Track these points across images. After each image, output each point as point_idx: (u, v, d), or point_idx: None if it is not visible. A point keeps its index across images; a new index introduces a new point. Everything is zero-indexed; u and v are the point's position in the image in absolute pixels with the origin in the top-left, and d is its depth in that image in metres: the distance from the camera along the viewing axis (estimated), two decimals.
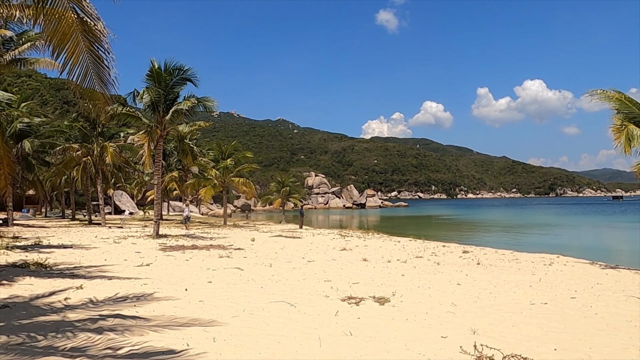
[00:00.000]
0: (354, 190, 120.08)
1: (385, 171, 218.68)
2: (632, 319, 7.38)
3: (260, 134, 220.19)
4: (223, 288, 9.17)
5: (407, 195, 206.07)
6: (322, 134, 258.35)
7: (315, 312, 7.30)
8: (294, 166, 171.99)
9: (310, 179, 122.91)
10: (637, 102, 14.97)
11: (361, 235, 26.32)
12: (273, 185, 49.47)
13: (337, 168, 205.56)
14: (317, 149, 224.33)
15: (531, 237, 32.75)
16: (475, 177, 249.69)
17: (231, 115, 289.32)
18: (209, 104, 22.51)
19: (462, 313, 7.50)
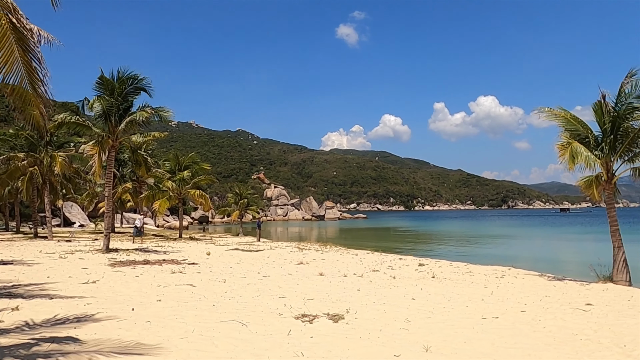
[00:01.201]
0: (313, 202, 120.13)
1: (344, 183, 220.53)
2: (578, 332, 7.57)
3: (219, 145, 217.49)
4: (173, 307, 8.81)
5: (366, 207, 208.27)
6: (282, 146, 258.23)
7: (267, 331, 7.09)
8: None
9: (270, 191, 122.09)
10: (581, 120, 15.66)
11: (319, 248, 26.22)
12: (231, 197, 48.77)
13: (297, 180, 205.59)
14: (276, 160, 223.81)
15: (485, 249, 33.62)
16: (432, 190, 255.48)
17: (190, 125, 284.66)
18: (165, 114, 21.95)
19: (416, 329, 7.49)
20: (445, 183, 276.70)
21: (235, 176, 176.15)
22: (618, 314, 9.16)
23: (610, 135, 14.73)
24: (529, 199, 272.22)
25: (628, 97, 14.32)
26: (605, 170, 14.86)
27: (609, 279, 14.45)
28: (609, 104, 14.88)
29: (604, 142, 14.98)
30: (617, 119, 14.55)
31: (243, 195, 47.17)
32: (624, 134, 14.70)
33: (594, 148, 15.03)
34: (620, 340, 7.10)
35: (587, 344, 6.90)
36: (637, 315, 9.09)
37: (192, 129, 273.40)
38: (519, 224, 79.96)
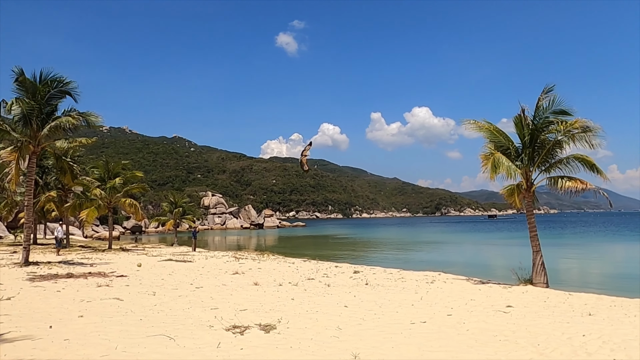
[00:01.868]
0: (252, 211, 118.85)
1: (283, 191, 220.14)
2: (498, 333, 8.00)
3: (154, 152, 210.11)
4: (96, 323, 8.36)
5: (304, 215, 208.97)
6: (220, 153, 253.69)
7: (196, 345, 6.91)
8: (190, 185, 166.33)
9: (207, 199, 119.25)
10: (503, 132, 16.67)
11: (256, 257, 25.95)
12: (165, 206, 47.19)
13: (236, 188, 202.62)
14: (214, 168, 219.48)
15: (418, 255, 34.73)
16: (369, 198, 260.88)
17: (123, 131, 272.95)
18: (93, 119, 20.87)
19: (347, 337, 7.58)
20: (382, 191, 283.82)
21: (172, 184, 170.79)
22: (535, 315, 9.78)
23: (529, 147, 15.79)
24: (460, 206, 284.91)
25: (544, 111, 15.43)
26: (525, 179, 15.89)
27: (529, 281, 15.39)
28: (527, 118, 15.94)
29: (523, 153, 16.04)
30: (534, 132, 15.62)
31: (178, 204, 45.79)
32: (541, 146, 15.81)
33: (515, 158, 16.03)
34: (535, 339, 7.58)
35: (505, 344, 7.30)
36: (551, 316, 9.75)
37: (126, 134, 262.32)
38: (450, 230, 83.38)
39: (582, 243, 45.15)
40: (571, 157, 15.60)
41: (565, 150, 15.70)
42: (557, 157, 15.85)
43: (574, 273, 23.41)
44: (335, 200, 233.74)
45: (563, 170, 15.77)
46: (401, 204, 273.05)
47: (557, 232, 65.48)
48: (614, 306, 11.20)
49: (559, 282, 16.95)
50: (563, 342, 7.45)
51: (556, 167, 15.88)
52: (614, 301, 12.03)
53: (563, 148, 15.44)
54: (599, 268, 26.43)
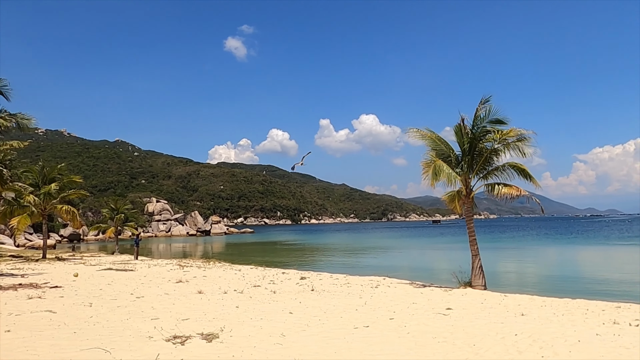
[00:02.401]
0: (199, 217, 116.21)
1: (231, 197, 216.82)
2: (437, 335, 8.26)
3: (95, 156, 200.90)
4: (25, 337, 7.88)
5: (253, 222, 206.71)
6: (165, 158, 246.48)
7: (133, 357, 6.66)
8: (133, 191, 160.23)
9: (151, 205, 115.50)
10: (445, 140, 17.31)
11: (202, 265, 25.41)
12: (106, 212, 45.29)
13: (182, 194, 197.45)
14: (159, 173, 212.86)
15: (365, 260, 35.27)
16: (317, 204, 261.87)
17: (61, 134, 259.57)
18: (25, 120, 19.84)
19: (290, 343, 7.58)
20: (330, 197, 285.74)
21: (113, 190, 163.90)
22: (472, 316, 10.18)
23: (469, 155, 16.48)
24: (406, 212, 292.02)
25: (482, 121, 16.16)
26: (465, 185, 16.55)
27: (468, 284, 16.01)
28: (467, 127, 16.64)
29: (463, 160, 16.71)
30: (473, 140, 16.33)
31: (120, 210, 44.07)
32: (479, 154, 16.54)
33: (455, 166, 16.68)
34: (471, 340, 7.89)
35: (443, 345, 7.55)
36: (487, 317, 10.19)
37: (64, 137, 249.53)
38: (396, 236, 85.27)
39: (518, 247, 47.51)
40: (507, 164, 16.44)
41: (501, 158, 16.53)
42: (494, 164, 16.64)
43: (510, 275, 24.57)
44: (284, 207, 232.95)
45: (500, 177, 16.58)
46: (349, 210, 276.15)
47: (495, 236, 68.52)
48: (544, 306, 11.85)
49: (496, 284, 17.71)
50: (497, 341, 7.81)
51: (493, 174, 16.67)
52: (544, 301, 12.73)
53: (499, 156, 16.24)
54: (532, 270, 27.89)
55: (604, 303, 12.58)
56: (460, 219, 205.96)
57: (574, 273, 25.14)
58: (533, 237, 67.45)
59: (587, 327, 9.06)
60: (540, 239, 62.39)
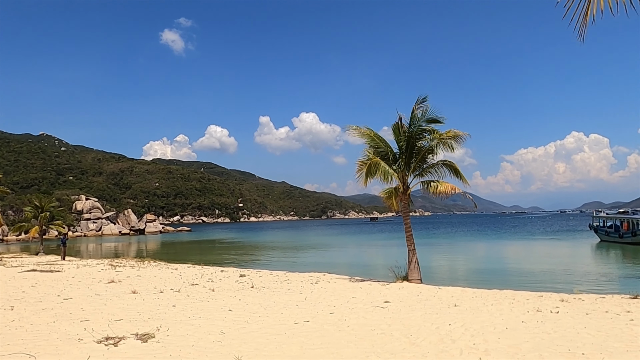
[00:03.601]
0: (132, 215, 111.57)
1: (167, 195, 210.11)
2: (375, 327, 8.45)
3: (16, 150, 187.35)
4: None
5: (190, 220, 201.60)
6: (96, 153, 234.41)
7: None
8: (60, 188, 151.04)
9: (80, 203, 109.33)
10: (383, 138, 17.73)
11: (135, 265, 24.43)
12: (28, 211, 42.37)
13: (114, 191, 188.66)
14: (89, 169, 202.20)
15: (304, 257, 35.44)
16: (257, 201, 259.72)
17: None
18: None
19: (230, 340, 7.46)
20: (270, 195, 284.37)
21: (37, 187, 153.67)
22: (409, 309, 10.51)
23: (406, 153, 16.97)
24: (345, 209, 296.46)
25: (419, 120, 16.70)
26: (402, 182, 17.03)
27: (405, 278, 16.50)
28: (404, 126, 17.14)
29: (400, 158, 17.19)
30: (410, 139, 16.83)
31: (45, 208, 41.37)
32: (416, 152, 17.08)
33: (393, 163, 17.12)
34: (408, 331, 8.14)
35: (382, 337, 7.73)
36: (423, 308, 10.56)
37: None
38: (335, 233, 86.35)
39: (451, 242, 49.73)
40: (440, 162, 17.08)
41: (436, 157, 17.16)
42: (429, 162, 17.25)
43: (443, 269, 25.62)
44: (222, 204, 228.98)
45: (434, 175, 17.20)
46: (289, 208, 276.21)
47: (430, 233, 71.23)
48: (475, 297, 12.46)
49: (431, 278, 18.41)
50: (432, 331, 8.11)
51: (428, 172, 17.27)
52: (475, 293, 13.38)
53: (435, 154, 16.83)
54: (464, 264, 29.28)
55: (528, 293, 13.42)
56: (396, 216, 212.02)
57: (501, 266, 26.68)
58: (465, 233, 70.80)
59: (513, 315, 9.61)
60: (472, 234, 65.64)
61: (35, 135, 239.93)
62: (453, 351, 6.83)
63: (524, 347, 6.99)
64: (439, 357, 6.54)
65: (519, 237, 55.48)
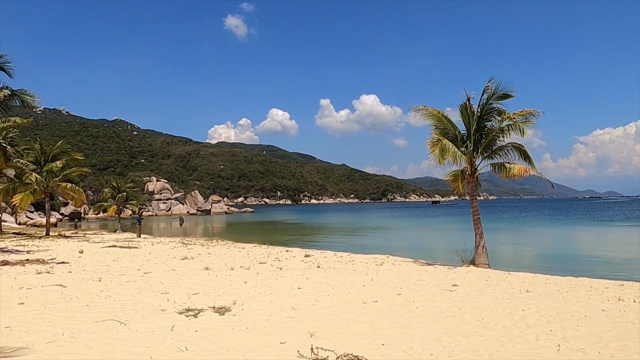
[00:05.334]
0: (199, 196, 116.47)
1: (231, 177, 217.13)
2: (445, 310, 8.37)
3: (94, 135, 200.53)
4: (38, 310, 7.98)
5: (253, 201, 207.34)
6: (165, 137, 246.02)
7: (148, 328, 6.76)
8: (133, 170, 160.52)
9: (151, 185, 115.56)
10: (450, 119, 17.24)
11: (205, 243, 25.58)
12: (107, 191, 45.34)
13: (181, 173, 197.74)
14: (159, 152, 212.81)
15: (366, 239, 35.47)
16: (318, 184, 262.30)
17: (59, 113, 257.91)
18: (28, 97, 19.76)
19: (301, 317, 7.68)
20: (331, 177, 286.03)
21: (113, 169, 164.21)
22: (478, 292, 10.30)
23: (476, 134, 16.43)
24: (405, 192, 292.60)
25: (489, 99, 16.07)
26: (469, 165, 16.54)
27: (471, 262, 16.14)
28: (472, 106, 16.56)
29: (468, 139, 16.67)
30: (479, 120, 16.26)
31: (121, 189, 44.11)
32: (485, 134, 16.49)
33: (460, 145, 16.64)
34: (479, 315, 8.00)
35: (452, 319, 7.66)
36: (493, 293, 10.30)
37: (62, 116, 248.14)
38: (396, 216, 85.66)
39: (520, 227, 47.78)
40: (509, 145, 16.38)
41: (506, 138, 16.46)
42: (498, 144, 16.59)
43: (512, 254, 24.76)
44: (284, 187, 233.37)
45: (503, 157, 16.56)
46: (349, 190, 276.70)
47: (497, 217, 68.82)
48: (548, 283, 11.97)
49: (499, 263, 17.87)
50: (505, 316, 7.92)
51: (496, 154, 16.64)
52: (548, 279, 12.85)
53: (506, 135, 16.14)
54: (535, 250, 28.09)
55: (607, 281, 12.67)
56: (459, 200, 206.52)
57: (576, 253, 25.37)
58: (534, 217, 67.72)
59: (592, 303, 9.17)
60: (542, 219, 62.65)
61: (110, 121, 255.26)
62: (529, 336, 6.65)
63: (606, 336, 6.67)
64: (513, 342, 6.39)
65: (596, 223, 52.17)
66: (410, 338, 6.47)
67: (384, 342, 6.25)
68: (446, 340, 6.39)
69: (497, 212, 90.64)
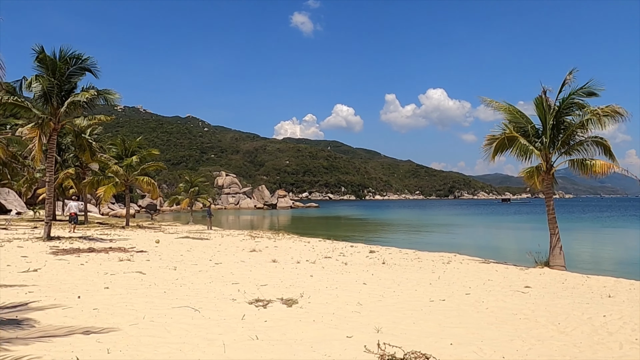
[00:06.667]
0: (266, 191, 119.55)
1: (296, 172, 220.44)
2: (517, 312, 8.04)
3: (168, 131, 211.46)
4: (122, 294, 8.59)
5: (317, 196, 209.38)
6: (233, 133, 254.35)
7: (220, 316, 7.07)
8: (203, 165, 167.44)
9: (221, 179, 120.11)
10: (523, 113, 16.44)
11: (271, 236, 26.20)
12: (181, 186, 47.70)
13: (249, 168, 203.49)
14: (228, 148, 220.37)
15: (432, 237, 34.72)
16: (382, 180, 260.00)
17: (137, 110, 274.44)
18: (111, 96, 21.03)
19: (367, 312, 7.69)
20: (395, 173, 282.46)
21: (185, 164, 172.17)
22: (553, 296, 9.78)
23: (552, 129, 15.56)
24: (474, 189, 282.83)
25: (570, 93, 15.14)
26: (545, 161, 15.71)
27: (545, 263, 15.35)
28: (549, 99, 15.69)
29: (544, 134, 15.82)
30: (557, 113, 15.38)
31: (194, 183, 46.24)
32: (564, 128, 15.58)
33: (535, 140, 15.84)
34: (555, 318, 7.61)
35: (525, 322, 7.34)
36: (570, 296, 9.75)
37: (140, 114, 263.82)
38: (464, 213, 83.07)
39: (601, 228, 44.69)
40: (590, 139, 15.34)
41: (586, 133, 15.44)
42: (577, 139, 15.59)
43: (592, 257, 23.24)
44: (348, 182, 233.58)
45: (582, 153, 15.56)
46: (414, 187, 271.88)
47: (576, 216, 64.77)
48: (633, 289, 11.13)
49: (576, 265, 16.86)
50: (583, 321, 7.47)
51: (575, 150, 15.67)
52: (632, 284, 11.94)
53: (586, 131, 15.14)
54: (618, 252, 26.19)
55: None
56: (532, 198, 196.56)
57: None
58: (617, 218, 62.92)
59: None
60: (627, 220, 58.07)
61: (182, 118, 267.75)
62: (611, 344, 6.24)
63: None
64: (594, 349, 6.03)
65: None
66: (480, 339, 6.29)
67: (452, 341, 6.12)
68: (519, 344, 6.14)
69: (575, 211, 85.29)
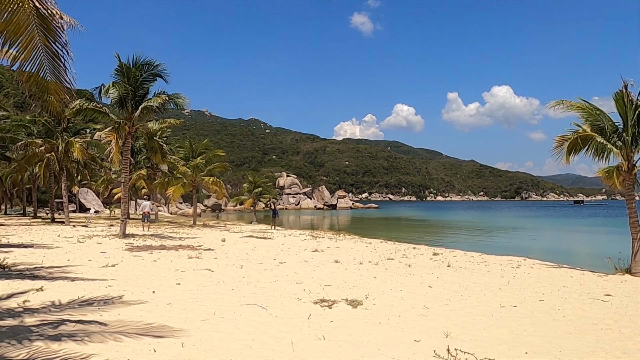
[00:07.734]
0: (326, 191, 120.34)
1: (356, 173, 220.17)
2: (598, 321, 7.53)
3: (232, 133, 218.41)
4: (192, 290, 8.93)
5: (377, 197, 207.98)
6: (294, 135, 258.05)
7: (287, 315, 7.17)
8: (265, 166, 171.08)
9: (282, 180, 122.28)
10: (601, 110, 15.39)
11: (332, 237, 26.28)
12: (245, 186, 49.01)
13: (309, 169, 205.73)
14: (289, 149, 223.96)
15: (499, 240, 33.40)
16: (444, 180, 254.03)
17: (202, 114, 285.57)
18: (180, 101, 22.02)
19: (434, 316, 7.50)
20: (458, 174, 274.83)
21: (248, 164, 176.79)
22: (638, 305, 9.08)
23: (634, 126, 14.46)
24: (542, 190, 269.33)
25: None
26: (626, 160, 14.63)
27: (627, 270, 14.29)
28: (631, 93, 14.60)
29: (625, 132, 14.74)
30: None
31: (257, 184, 47.36)
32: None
33: (615, 138, 14.80)
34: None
35: (608, 333, 6.86)
36: None
37: (205, 117, 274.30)
38: (532, 215, 79.26)
39: None
40: None
41: None
42: None
43: None
44: (408, 183, 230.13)
45: None
46: (478, 187, 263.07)
47: None
48: None
49: None
50: None
51: None
52: None
53: None
54: None
55: None
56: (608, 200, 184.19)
57: None
58: None
59: None
60: None
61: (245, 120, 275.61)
62: None
63: None
64: None
65: None
66: (558, 349, 5.94)
67: (527, 350, 5.83)
68: (602, 355, 5.75)
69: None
